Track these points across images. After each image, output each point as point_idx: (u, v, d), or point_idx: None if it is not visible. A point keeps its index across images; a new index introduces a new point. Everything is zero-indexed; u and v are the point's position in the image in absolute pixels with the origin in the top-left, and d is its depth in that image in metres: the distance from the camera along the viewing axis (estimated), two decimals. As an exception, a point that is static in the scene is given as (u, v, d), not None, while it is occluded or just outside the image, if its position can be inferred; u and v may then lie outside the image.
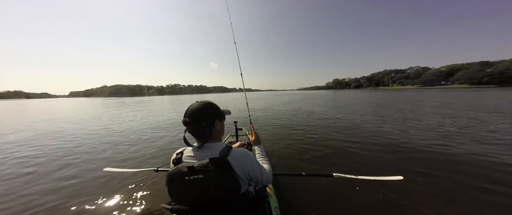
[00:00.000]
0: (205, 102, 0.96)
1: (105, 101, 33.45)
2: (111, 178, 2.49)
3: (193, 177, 0.77)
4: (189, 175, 0.77)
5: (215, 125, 0.95)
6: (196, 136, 0.92)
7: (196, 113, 0.90)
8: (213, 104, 0.97)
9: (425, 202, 1.81)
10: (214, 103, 0.97)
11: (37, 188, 2.38)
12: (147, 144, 4.21)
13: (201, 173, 0.77)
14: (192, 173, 0.77)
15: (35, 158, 3.51)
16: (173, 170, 0.81)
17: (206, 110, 0.93)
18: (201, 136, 0.91)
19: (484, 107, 8.71)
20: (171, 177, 0.80)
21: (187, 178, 0.78)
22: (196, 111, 0.90)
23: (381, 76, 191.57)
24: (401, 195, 1.88)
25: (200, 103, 0.93)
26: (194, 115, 0.89)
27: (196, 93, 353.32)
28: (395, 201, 1.81)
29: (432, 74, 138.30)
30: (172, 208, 0.82)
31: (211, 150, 0.88)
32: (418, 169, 2.47)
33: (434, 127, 4.83)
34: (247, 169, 0.87)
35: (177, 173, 0.79)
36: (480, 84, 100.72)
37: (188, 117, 0.89)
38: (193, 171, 0.77)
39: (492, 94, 19.59)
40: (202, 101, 0.96)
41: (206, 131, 0.90)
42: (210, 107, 0.95)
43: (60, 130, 6.24)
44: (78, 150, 3.95)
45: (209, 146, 0.90)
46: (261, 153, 1.20)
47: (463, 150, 3.15)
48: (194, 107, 0.91)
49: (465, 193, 1.94)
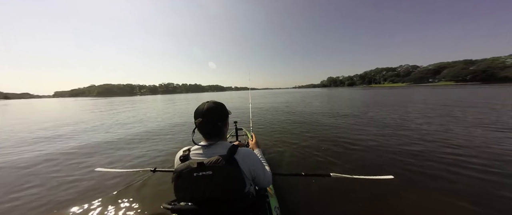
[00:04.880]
0: (216, 102, 0.98)
1: (84, 102, 30.85)
2: (104, 178, 2.43)
3: (202, 173, 0.78)
4: (198, 171, 0.78)
5: (226, 123, 1.01)
6: (208, 135, 0.93)
7: (213, 112, 0.92)
8: (223, 104, 1.00)
9: (416, 199, 1.88)
10: (222, 103, 1.00)
11: (27, 190, 2.28)
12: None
13: (210, 169, 0.78)
14: (201, 169, 0.78)
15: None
16: (181, 166, 0.82)
17: (220, 109, 0.96)
18: (215, 134, 0.93)
19: (469, 104, 8.89)
20: (179, 173, 0.80)
21: (196, 174, 0.78)
22: (212, 110, 0.92)
23: (373, 74, 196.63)
24: (393, 193, 1.97)
25: (213, 103, 0.96)
26: (211, 115, 0.91)
27: (190, 92, 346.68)
28: (388, 199, 1.90)
29: (420, 72, 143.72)
30: (172, 208, 0.82)
31: (219, 148, 0.89)
32: (410, 168, 2.53)
33: (423, 127, 4.85)
34: (252, 168, 0.90)
35: (186, 169, 0.79)
36: (464, 81, 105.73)
37: (204, 116, 0.90)
38: (203, 167, 0.78)
39: (485, 91, 20.07)
40: (213, 101, 0.98)
41: (221, 130, 0.94)
42: (223, 106, 0.99)
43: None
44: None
45: (218, 144, 0.92)
46: (261, 156, 1.24)
47: (452, 147, 3.23)
48: (209, 107, 0.93)
49: (456, 192, 1.99)
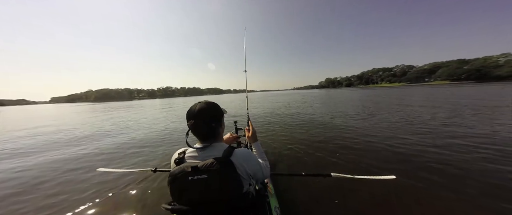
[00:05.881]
0: (209, 102, 0.93)
1: (82, 108, 30.48)
2: (106, 178, 2.46)
3: (197, 177, 0.76)
4: (192, 175, 0.76)
5: (222, 124, 0.97)
6: (202, 137, 0.89)
7: (205, 113, 0.88)
8: (216, 103, 0.96)
9: (417, 199, 1.87)
10: (215, 102, 0.96)
11: (27, 190, 2.33)
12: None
13: (205, 173, 0.76)
14: (196, 173, 0.76)
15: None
16: (175, 169, 0.79)
17: (214, 109, 0.92)
18: (210, 136, 0.89)
19: (470, 103, 8.84)
20: (174, 176, 0.78)
21: (191, 178, 0.76)
22: (205, 111, 0.88)
23: (370, 75, 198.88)
24: (394, 193, 1.95)
25: (205, 103, 0.91)
26: (203, 115, 0.87)
27: (189, 95, 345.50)
28: (389, 199, 1.88)
29: (416, 72, 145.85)
30: (172, 208, 0.81)
31: (214, 150, 0.87)
32: (412, 168, 2.52)
33: (422, 126, 4.83)
34: (249, 169, 0.88)
35: (181, 173, 0.77)
36: (459, 80, 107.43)
37: (195, 117, 0.86)
38: (197, 171, 0.76)
39: (482, 90, 20.23)
40: (205, 101, 0.93)
41: (215, 131, 0.91)
42: (216, 106, 0.94)
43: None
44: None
45: (213, 146, 0.89)
46: (258, 150, 1.19)
47: (453, 146, 3.19)
48: (201, 107, 0.88)
49: (456, 191, 1.98)
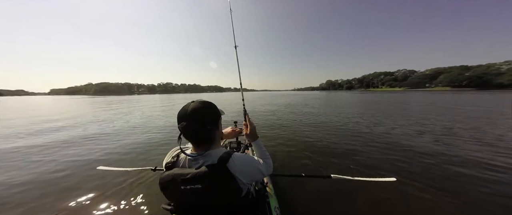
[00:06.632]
0: (204, 101, 0.81)
1: (82, 100, 30.01)
2: (106, 177, 2.42)
3: (190, 187, 0.70)
4: (185, 184, 0.70)
5: (218, 127, 0.85)
6: (196, 141, 0.78)
7: (199, 114, 0.75)
8: (213, 103, 0.84)
9: (417, 202, 1.88)
10: (211, 102, 0.84)
11: (27, 187, 2.29)
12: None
13: (199, 183, 0.69)
14: (189, 182, 0.70)
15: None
16: (165, 177, 0.73)
17: (209, 110, 0.80)
18: (205, 140, 0.78)
19: (471, 109, 8.83)
20: (165, 184, 0.72)
21: (183, 188, 0.70)
22: (199, 111, 0.76)
23: (371, 78, 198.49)
24: (394, 195, 1.95)
25: (199, 103, 0.79)
26: (197, 116, 0.74)
27: (189, 92, 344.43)
28: (389, 201, 1.87)
29: (418, 77, 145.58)
30: (172, 209, 0.78)
31: (209, 157, 0.77)
32: (411, 170, 2.54)
33: (424, 131, 4.88)
34: (248, 176, 0.80)
35: (171, 182, 0.72)
36: (460, 87, 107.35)
37: (188, 119, 0.73)
38: (190, 180, 0.69)
39: (484, 97, 20.05)
40: (200, 100, 0.81)
41: (211, 135, 0.79)
42: (212, 106, 0.83)
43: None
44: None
45: (208, 152, 0.77)
46: (259, 149, 0.98)
47: (454, 151, 3.25)
48: (195, 107, 0.76)
49: (456, 193, 1.98)
